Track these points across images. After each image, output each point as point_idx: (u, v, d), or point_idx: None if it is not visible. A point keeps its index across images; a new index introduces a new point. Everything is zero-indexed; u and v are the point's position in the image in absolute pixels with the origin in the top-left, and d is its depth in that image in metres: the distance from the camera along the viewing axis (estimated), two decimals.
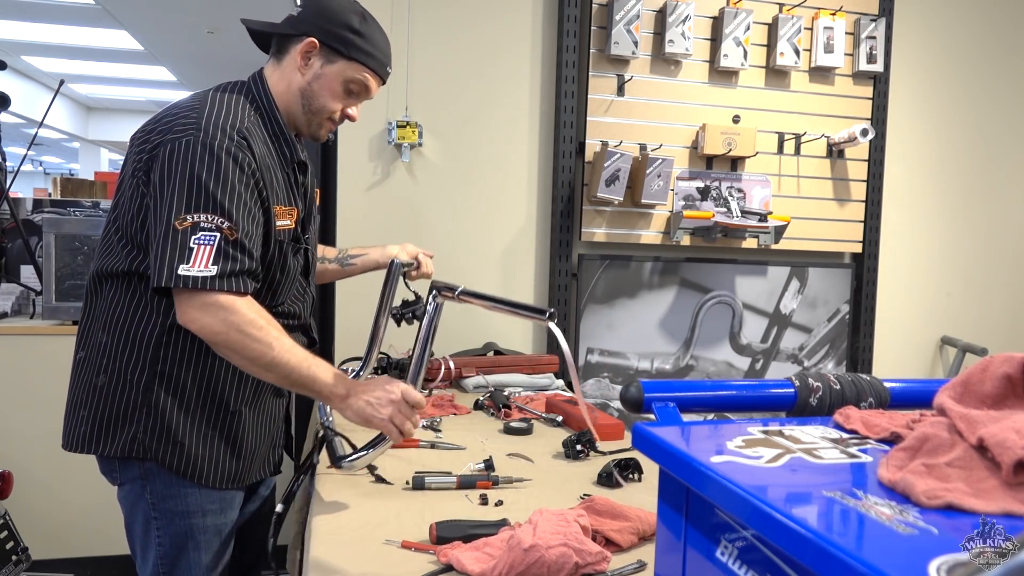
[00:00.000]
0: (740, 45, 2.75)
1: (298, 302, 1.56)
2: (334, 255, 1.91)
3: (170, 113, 1.35)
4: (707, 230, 2.72)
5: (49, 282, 2.76)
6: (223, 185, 1.28)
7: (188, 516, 1.40)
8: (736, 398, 0.89)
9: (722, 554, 0.67)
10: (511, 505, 1.34)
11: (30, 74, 9.49)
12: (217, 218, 1.26)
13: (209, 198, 1.26)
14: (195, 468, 1.39)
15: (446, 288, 1.41)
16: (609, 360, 2.80)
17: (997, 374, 0.67)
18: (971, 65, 3.20)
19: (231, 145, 1.30)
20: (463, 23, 2.69)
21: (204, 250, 1.25)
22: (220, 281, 1.25)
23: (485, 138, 2.73)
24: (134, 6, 6.34)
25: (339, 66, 1.44)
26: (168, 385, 1.37)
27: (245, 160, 1.31)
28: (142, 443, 1.36)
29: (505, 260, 2.78)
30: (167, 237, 1.25)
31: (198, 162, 1.27)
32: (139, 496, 1.40)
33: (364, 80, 1.46)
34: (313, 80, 1.44)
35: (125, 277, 1.37)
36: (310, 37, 1.42)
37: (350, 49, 1.42)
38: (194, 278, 1.24)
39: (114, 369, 1.37)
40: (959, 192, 3.23)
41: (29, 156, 6.70)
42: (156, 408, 1.36)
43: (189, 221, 1.25)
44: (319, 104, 1.45)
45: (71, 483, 2.74)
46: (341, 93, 1.46)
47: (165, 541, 1.40)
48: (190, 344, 1.36)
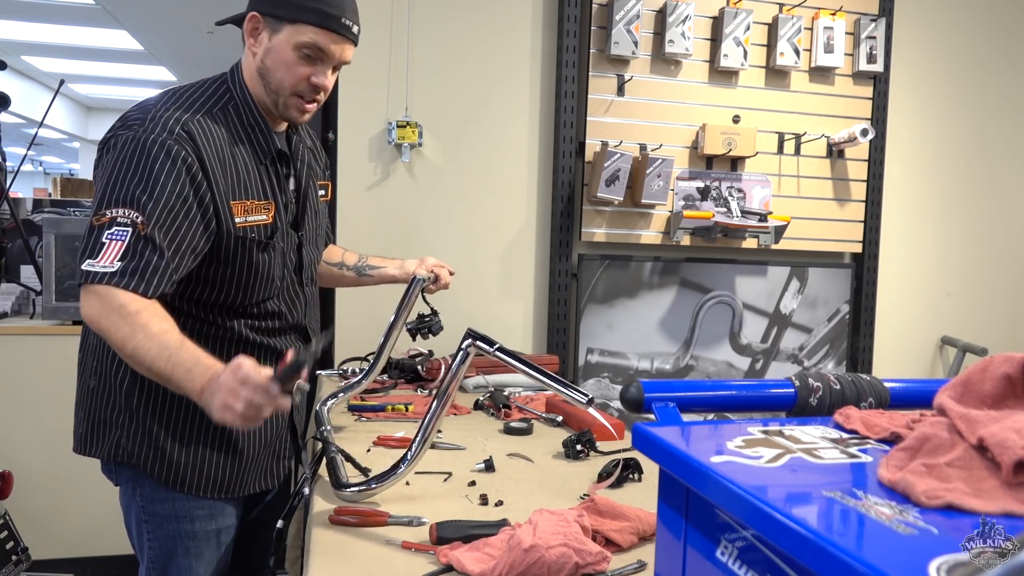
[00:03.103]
0: (740, 45, 2.75)
1: (284, 301, 1.47)
2: (353, 262, 1.85)
3: (126, 112, 1.33)
4: (707, 230, 2.72)
5: (49, 282, 2.76)
6: (146, 180, 1.22)
7: (176, 521, 1.38)
8: (736, 398, 0.89)
9: (722, 554, 0.67)
10: (511, 505, 1.34)
11: (30, 74, 9.49)
12: (133, 212, 1.21)
13: (129, 193, 1.22)
14: (178, 476, 1.36)
15: (483, 340, 1.28)
16: (609, 360, 2.80)
17: (997, 374, 0.67)
18: (971, 65, 3.20)
19: (167, 139, 1.25)
20: (463, 23, 2.69)
21: (115, 246, 1.19)
22: (120, 278, 1.18)
23: (485, 138, 2.73)
24: (134, 6, 6.34)
25: (285, 33, 1.32)
26: (149, 392, 1.34)
27: (180, 154, 1.25)
28: (126, 449, 1.35)
29: (505, 260, 2.78)
30: (89, 232, 1.22)
31: (127, 158, 1.24)
32: (131, 499, 1.40)
33: (314, 41, 1.32)
34: (265, 56, 1.34)
35: None
36: (251, 11, 1.34)
37: (291, 11, 1.30)
38: (96, 273, 1.18)
39: (102, 372, 1.37)
40: (959, 192, 3.23)
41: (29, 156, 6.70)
42: (138, 414, 1.34)
43: (107, 216, 1.21)
44: (277, 80, 1.35)
45: (71, 483, 2.74)
46: (297, 62, 1.33)
47: (155, 545, 1.39)
48: None
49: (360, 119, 2.64)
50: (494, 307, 2.76)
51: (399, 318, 1.80)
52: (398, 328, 1.80)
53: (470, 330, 1.29)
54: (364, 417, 1.89)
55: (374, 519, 1.23)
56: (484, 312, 2.72)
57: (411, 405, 1.96)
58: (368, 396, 2.07)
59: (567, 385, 1.24)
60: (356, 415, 1.90)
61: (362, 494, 1.33)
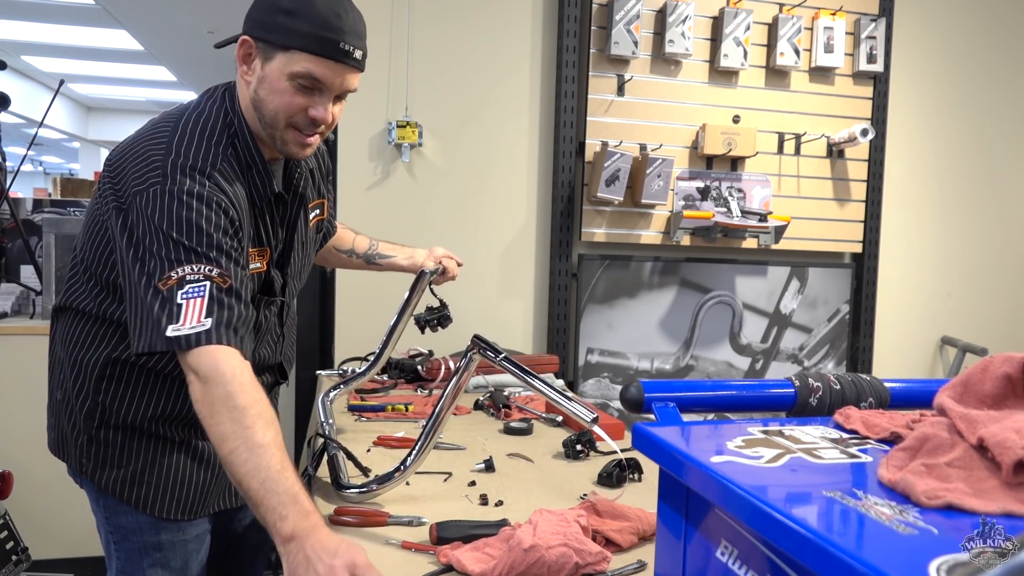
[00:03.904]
0: (740, 45, 2.75)
1: (266, 345, 1.43)
2: (363, 249, 1.82)
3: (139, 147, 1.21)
4: (707, 230, 2.72)
5: (49, 282, 2.76)
6: (199, 232, 1.13)
7: (140, 534, 1.33)
8: (736, 398, 0.89)
9: (722, 554, 0.67)
10: (511, 505, 1.34)
11: (30, 74, 9.49)
12: (204, 266, 1.12)
13: (189, 250, 1.12)
14: (140, 499, 1.31)
15: (488, 348, 1.26)
16: (609, 360, 2.80)
17: (997, 374, 0.67)
18: (971, 65, 3.20)
19: (200, 189, 1.16)
20: (463, 24, 2.69)
21: (195, 304, 1.10)
22: (216, 333, 1.09)
23: (485, 138, 2.73)
24: (134, 6, 6.34)
25: (277, 61, 1.19)
26: (108, 417, 1.30)
27: (214, 199, 1.17)
28: (86, 468, 1.32)
29: (505, 260, 2.78)
30: (154, 299, 1.10)
31: (169, 213, 1.13)
32: (96, 508, 1.37)
33: (308, 70, 1.19)
34: (258, 86, 1.22)
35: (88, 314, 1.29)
36: (243, 35, 1.22)
37: (283, 36, 1.17)
38: (185, 337, 1.08)
39: (65, 389, 1.33)
40: (959, 192, 3.23)
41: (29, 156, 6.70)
42: (96, 437, 1.31)
43: (174, 278, 1.10)
44: (271, 112, 1.23)
45: (71, 483, 2.72)
46: (292, 92, 1.21)
47: (122, 556, 1.35)
48: (133, 378, 1.29)
49: (360, 119, 2.64)
50: (494, 307, 2.76)
51: (406, 309, 1.77)
52: (405, 319, 1.78)
53: (476, 337, 1.27)
54: (364, 417, 1.89)
55: (374, 519, 1.23)
56: (484, 312, 2.72)
57: (411, 405, 1.96)
58: (368, 396, 2.07)
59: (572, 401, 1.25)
60: (356, 415, 1.90)
61: (363, 495, 1.32)
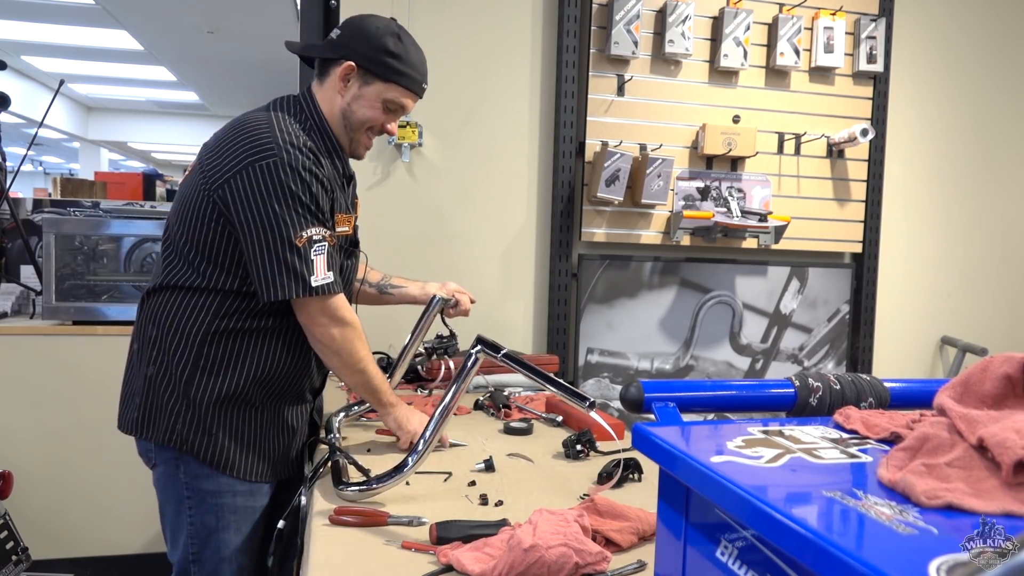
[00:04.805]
0: (740, 45, 2.75)
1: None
2: (376, 279, 1.98)
3: (242, 132, 1.44)
4: (707, 230, 2.72)
5: (49, 282, 2.76)
6: (315, 199, 1.43)
7: (219, 496, 1.48)
8: (736, 398, 0.89)
9: (722, 554, 0.67)
10: (511, 505, 1.34)
11: (30, 74, 9.49)
12: (323, 229, 1.44)
13: (313, 214, 1.43)
14: (226, 462, 1.47)
15: (491, 346, 1.35)
16: (609, 360, 2.80)
17: (997, 374, 0.67)
18: (971, 65, 3.20)
19: (309, 163, 1.43)
20: (463, 23, 2.69)
21: (320, 260, 1.42)
22: (337, 287, 1.46)
23: (485, 138, 2.73)
24: (134, 6, 6.34)
25: (376, 87, 1.54)
26: (207, 380, 1.46)
27: (322, 175, 1.46)
28: (180, 434, 1.46)
29: (505, 260, 2.78)
30: (293, 254, 1.40)
31: (292, 182, 1.40)
32: (173, 477, 1.48)
33: (400, 101, 1.56)
34: (352, 101, 1.55)
35: (190, 288, 1.46)
36: (348, 61, 1.52)
37: (386, 72, 1.53)
38: (322, 287, 1.42)
39: (162, 361, 1.47)
40: (959, 192, 3.23)
41: (29, 156, 6.69)
42: (194, 402, 1.45)
43: (305, 237, 1.41)
44: (358, 122, 1.56)
45: (71, 483, 2.73)
46: (380, 110, 1.56)
47: (196, 521, 1.48)
48: (231, 344, 1.47)
49: None
50: (494, 307, 2.76)
51: (417, 336, 1.86)
52: (415, 345, 1.87)
53: (479, 337, 1.35)
54: (364, 417, 1.89)
55: (374, 519, 1.24)
56: (484, 312, 2.71)
57: (411, 405, 1.95)
58: None
59: (569, 389, 1.30)
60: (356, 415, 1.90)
61: (363, 494, 1.33)
